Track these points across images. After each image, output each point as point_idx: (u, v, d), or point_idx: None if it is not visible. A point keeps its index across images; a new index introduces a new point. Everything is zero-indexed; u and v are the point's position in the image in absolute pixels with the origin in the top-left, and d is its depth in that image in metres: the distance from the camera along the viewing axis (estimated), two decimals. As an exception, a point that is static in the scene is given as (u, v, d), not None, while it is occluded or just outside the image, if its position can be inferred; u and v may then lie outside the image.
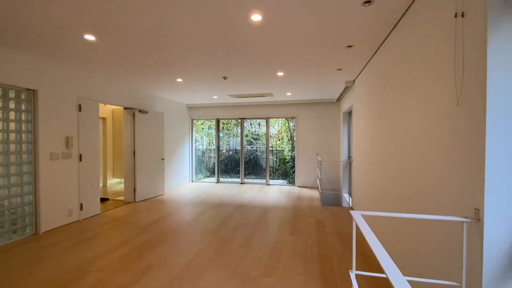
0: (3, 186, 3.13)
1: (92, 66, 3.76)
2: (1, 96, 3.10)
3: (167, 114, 6.60)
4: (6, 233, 3.17)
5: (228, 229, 3.64)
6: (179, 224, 3.87)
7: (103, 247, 3.03)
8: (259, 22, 2.37)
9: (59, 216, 3.72)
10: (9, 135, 3.19)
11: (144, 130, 5.44)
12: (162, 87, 5.23)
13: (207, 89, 5.40)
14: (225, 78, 4.40)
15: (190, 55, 3.26)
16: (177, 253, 2.88)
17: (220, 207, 4.86)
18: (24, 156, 3.35)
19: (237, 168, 8.20)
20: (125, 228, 3.68)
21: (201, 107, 7.74)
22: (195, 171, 8.08)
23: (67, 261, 2.67)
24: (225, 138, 8.66)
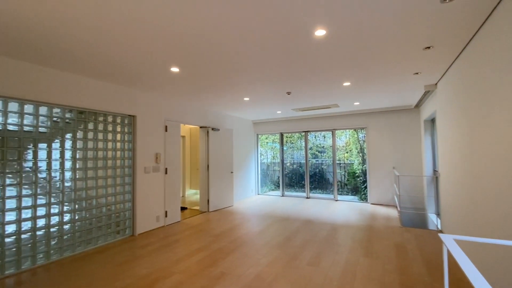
0: (111, 194, 3.88)
1: (175, 93, 4.40)
2: (112, 122, 3.92)
3: (235, 130, 7.08)
4: (112, 233, 3.88)
5: (295, 245, 3.58)
6: (248, 235, 4.01)
7: (184, 251, 3.38)
8: (323, 37, 2.38)
9: (149, 221, 4.36)
10: (116, 152, 3.97)
11: (216, 146, 5.96)
12: (231, 107, 5.68)
13: (272, 105, 5.60)
14: (288, 93, 4.49)
15: (256, 75, 3.47)
16: (246, 263, 2.98)
17: (286, 221, 4.84)
18: (126, 170, 4.10)
19: (302, 181, 8.05)
20: (201, 236, 4.03)
21: (266, 122, 8.02)
22: (261, 184, 8.30)
23: (156, 261, 3.09)
24: (289, 152, 8.68)
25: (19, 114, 2.93)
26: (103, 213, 3.76)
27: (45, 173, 3.13)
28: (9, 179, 2.83)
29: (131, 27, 2.16)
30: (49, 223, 3.16)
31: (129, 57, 2.80)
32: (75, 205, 3.43)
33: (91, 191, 3.61)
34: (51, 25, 2.11)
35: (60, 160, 3.28)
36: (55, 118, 3.26)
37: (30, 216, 2.99)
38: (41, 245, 3.07)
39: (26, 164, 2.97)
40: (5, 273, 2.76)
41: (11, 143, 2.85)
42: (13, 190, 2.86)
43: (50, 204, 3.17)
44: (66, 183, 3.33)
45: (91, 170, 3.61)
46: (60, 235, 3.25)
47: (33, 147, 3.04)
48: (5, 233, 2.78)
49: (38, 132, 3.09)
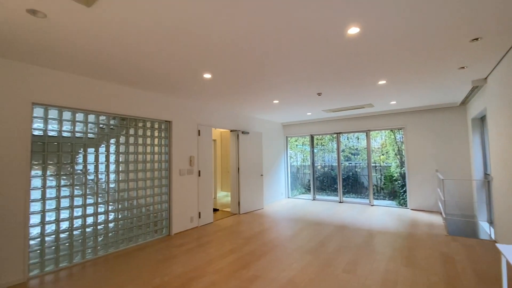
0: (150, 195, 4.12)
1: (207, 98, 4.55)
2: (150, 127, 4.18)
3: (265, 133, 7.10)
4: (151, 232, 4.11)
5: (328, 250, 3.46)
6: (279, 239, 3.97)
7: (217, 252, 3.45)
8: (356, 35, 2.29)
9: (184, 222, 4.54)
10: (154, 156, 4.21)
11: (246, 149, 6.03)
12: (261, 110, 5.71)
13: (301, 107, 5.52)
14: (319, 94, 4.39)
15: (286, 78, 3.46)
16: (279, 267, 2.95)
17: (318, 226, 4.70)
18: (163, 172, 4.33)
19: (334, 185, 7.79)
20: (232, 237, 4.09)
21: (295, 124, 7.92)
22: (291, 187, 8.20)
23: (191, 261, 3.20)
24: (320, 154, 8.46)
25: (71, 122, 3.25)
26: (143, 213, 4.00)
27: (93, 175, 3.43)
28: (63, 180, 3.15)
29: (171, 42, 2.29)
30: (97, 221, 3.44)
31: (168, 68, 2.97)
32: (119, 205, 3.70)
33: (132, 192, 3.87)
34: (113, 50, 2.32)
35: (105, 163, 3.57)
36: (101, 125, 3.57)
37: (81, 214, 3.29)
38: (89, 241, 3.36)
39: (77, 167, 3.28)
40: (59, 266, 3.07)
41: (65, 148, 3.18)
42: (67, 190, 3.18)
43: (97, 203, 3.46)
44: (110, 185, 3.61)
45: (132, 173, 3.88)
46: (105, 232, 3.53)
47: (83, 152, 3.35)
48: (60, 229, 3.10)
49: (87, 138, 3.41)
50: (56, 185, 3.08)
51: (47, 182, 3.02)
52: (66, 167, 3.18)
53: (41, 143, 2.98)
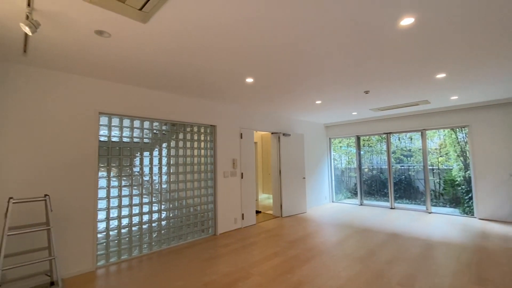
0: (197, 196, 4.34)
1: (249, 102, 4.64)
2: (197, 132, 4.42)
3: (306, 135, 6.94)
4: (198, 231, 4.32)
5: (379, 260, 3.21)
6: (324, 244, 3.82)
7: (260, 255, 3.47)
8: (410, 25, 2.10)
9: (228, 223, 4.67)
10: (201, 158, 4.44)
11: (287, 151, 5.97)
12: (302, 111, 5.61)
13: (346, 106, 5.26)
14: (366, 93, 4.13)
15: (330, 78, 3.33)
16: (325, 274, 2.83)
17: (367, 233, 4.40)
18: (209, 174, 4.53)
19: (384, 190, 7.22)
20: (276, 240, 4.06)
21: (339, 125, 7.59)
22: (335, 191, 7.85)
23: (236, 261, 3.27)
24: (367, 156, 7.94)
25: (130, 128, 3.61)
26: (191, 213, 4.23)
27: (148, 176, 3.75)
28: (124, 181, 3.51)
29: (218, 49, 2.39)
30: (151, 218, 3.75)
31: (214, 75, 3.11)
32: (170, 204, 3.98)
33: (181, 192, 4.13)
34: (165, 62, 2.53)
35: (158, 166, 3.87)
36: (155, 130, 3.89)
37: (138, 212, 3.62)
38: (145, 237, 3.67)
39: (135, 169, 3.62)
40: (121, 258, 3.41)
41: (125, 152, 3.54)
42: (126, 190, 3.53)
43: (152, 202, 3.77)
44: (163, 185, 3.91)
45: (181, 174, 4.14)
46: (159, 229, 3.82)
47: (140, 155, 3.69)
48: (121, 225, 3.45)
49: (143, 142, 3.74)
50: (118, 185, 3.45)
51: (111, 182, 3.39)
52: (126, 169, 3.53)
53: (106, 147, 3.37)
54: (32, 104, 2.78)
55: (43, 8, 1.79)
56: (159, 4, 1.76)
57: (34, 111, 2.79)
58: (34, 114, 2.78)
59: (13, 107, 2.66)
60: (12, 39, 2.20)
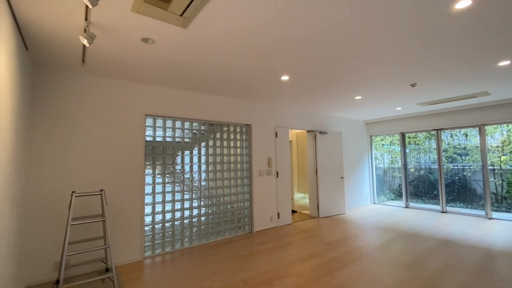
0: (234, 193, 4.44)
1: (284, 100, 4.59)
2: (233, 131, 4.52)
3: (344, 132, 6.65)
4: (235, 228, 4.42)
5: (430, 268, 2.93)
6: (366, 248, 3.62)
7: (297, 255, 3.42)
8: (466, 8, 1.87)
9: (264, 221, 4.70)
10: (237, 157, 4.53)
11: (324, 150, 5.79)
12: (340, 107, 5.38)
13: (389, 101, 4.91)
14: (413, 86, 3.80)
15: (372, 71, 3.14)
16: (367, 279, 2.68)
17: (415, 238, 4.06)
18: (244, 173, 4.60)
19: (433, 191, 6.59)
20: (313, 241, 3.97)
21: (381, 121, 7.11)
22: (377, 192, 7.39)
23: (272, 260, 3.27)
24: (413, 154, 7.31)
25: (172, 128, 3.83)
26: (228, 210, 4.35)
27: (188, 173, 3.94)
28: (167, 178, 3.74)
29: (253, 47, 2.42)
30: (192, 214, 3.94)
31: (249, 74, 3.14)
32: (208, 201, 4.13)
33: (219, 190, 4.27)
34: (203, 64, 2.65)
35: (197, 164, 4.05)
36: (194, 130, 4.07)
37: (180, 208, 3.82)
38: (186, 231, 3.87)
39: (177, 166, 3.83)
40: (165, 250, 3.64)
41: (167, 151, 3.77)
42: (169, 187, 3.75)
43: (192, 199, 3.96)
44: (202, 183, 4.08)
45: (218, 172, 4.27)
46: (199, 225, 4.00)
47: (181, 154, 3.89)
48: (165, 219, 3.68)
49: (184, 142, 3.94)
50: (162, 181, 3.69)
51: (156, 179, 3.64)
52: (169, 167, 3.76)
53: (151, 147, 3.63)
54: (89, 109, 3.11)
55: (98, 21, 1.99)
56: (197, 9, 1.83)
57: (90, 115, 3.11)
58: (91, 118, 3.11)
59: (72, 112, 3.01)
60: (72, 50, 2.48)
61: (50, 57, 2.62)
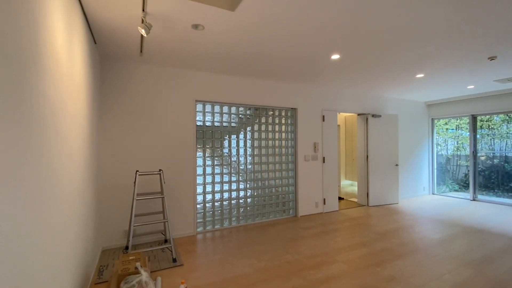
0: (279, 178, 4.47)
1: (333, 82, 4.34)
2: (278, 115, 4.47)
3: (401, 115, 6.04)
4: (280, 211, 4.48)
5: (502, 269, 2.57)
6: (422, 241, 3.34)
7: (345, 242, 3.33)
8: None
9: (309, 206, 4.65)
10: (282, 142, 4.50)
11: (376, 135, 5.38)
12: (397, 88, 4.87)
13: (459, 79, 4.26)
14: (492, 59, 3.21)
15: (440, 44, 2.73)
16: (424, 274, 2.49)
17: (483, 234, 3.58)
18: (289, 157, 4.57)
19: (509, 183, 5.66)
20: (361, 230, 3.81)
21: (446, 102, 6.26)
22: (437, 182, 6.66)
23: (318, 245, 3.25)
24: (485, 141, 6.31)
25: (219, 113, 3.97)
26: (273, 193, 4.41)
27: (235, 157, 4.08)
28: (216, 160, 3.93)
29: (301, 28, 2.30)
30: (239, 195, 4.11)
31: (297, 55, 3.02)
32: (254, 184, 4.25)
33: (264, 173, 4.34)
34: (251, 46, 2.65)
35: (244, 148, 4.15)
36: (240, 115, 4.15)
37: (228, 189, 4.01)
38: (234, 211, 4.07)
39: (224, 150, 3.99)
40: (215, 227, 3.90)
41: (216, 135, 3.93)
42: (218, 169, 3.95)
43: (239, 181, 4.11)
44: (248, 166, 4.19)
45: (264, 156, 4.32)
46: (245, 206, 4.16)
47: (228, 138, 4.03)
48: (214, 199, 3.91)
49: (231, 126, 4.06)
50: (211, 164, 3.89)
51: (206, 161, 3.86)
52: (217, 150, 3.94)
53: (201, 131, 3.82)
54: (147, 96, 3.39)
55: (153, 11, 2.10)
56: (246, -12, 1.79)
57: (148, 101, 3.39)
58: (148, 104, 3.39)
59: (133, 100, 3.32)
60: (132, 42, 2.68)
61: (114, 49, 2.89)
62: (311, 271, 2.59)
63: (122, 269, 2.17)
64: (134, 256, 2.38)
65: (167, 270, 2.62)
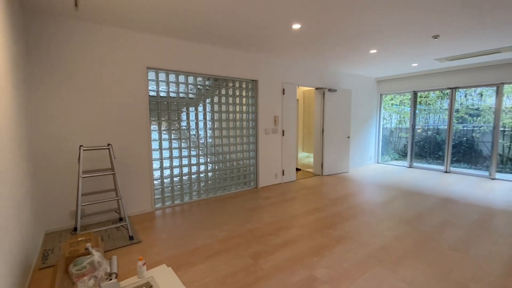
0: (240, 151, 4.46)
1: (293, 54, 4.30)
2: (238, 87, 4.34)
3: (354, 90, 6.39)
4: (241, 183, 4.54)
5: (430, 224, 3.04)
6: (368, 204, 3.73)
7: (301, 209, 3.55)
8: None
9: (269, 177, 4.80)
10: (243, 115, 4.43)
11: (332, 108, 5.63)
12: (352, 63, 5.07)
13: (406, 56, 4.58)
14: (435, 37, 3.48)
15: (393, 19, 2.84)
16: (369, 232, 2.80)
17: (416, 196, 4.15)
18: (250, 130, 4.55)
19: (439, 152, 6.57)
20: (316, 197, 4.09)
21: (394, 79, 6.77)
22: (381, 152, 7.41)
23: (277, 213, 3.41)
24: (422, 115, 7.12)
25: (175, 83, 3.68)
26: (234, 166, 4.42)
27: (194, 130, 3.91)
28: (173, 134, 3.72)
29: (258, -15, 2.14)
30: (199, 169, 4.01)
31: (257, 22, 2.87)
32: (215, 158, 4.18)
33: (225, 147, 4.28)
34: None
35: (203, 121, 3.99)
36: (199, 86, 3.92)
37: (187, 163, 3.88)
38: (194, 186, 3.99)
39: (182, 123, 3.78)
40: (174, 202, 3.81)
41: (172, 107, 3.67)
42: (176, 143, 3.76)
43: (199, 155, 3.99)
44: (208, 140, 4.07)
45: (224, 130, 4.23)
46: (206, 180, 4.10)
47: (186, 110, 3.81)
48: (173, 174, 3.76)
49: (189, 97, 3.82)
50: (168, 138, 3.68)
51: (162, 135, 3.62)
52: (174, 123, 3.71)
53: (155, 102, 3.53)
54: (87, 59, 2.94)
55: (87, -48, 1.73)
56: None
57: (91, 68, 2.96)
58: (91, 70, 2.96)
59: (70, 63, 2.86)
60: (64, -9, 2.23)
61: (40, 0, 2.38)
62: (270, 236, 2.72)
63: (70, 251, 2.00)
64: (84, 237, 2.19)
65: (123, 248, 2.50)
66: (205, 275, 2.07)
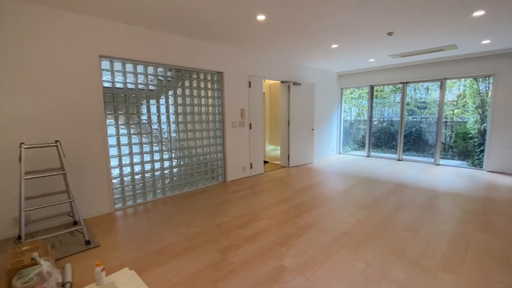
0: (207, 145, 4.35)
1: (259, 46, 4.27)
2: (203, 79, 4.20)
3: (317, 84, 6.61)
4: (209, 178, 4.45)
5: (386, 208, 3.30)
6: (331, 192, 3.92)
7: (270, 201, 3.60)
8: None
9: (237, 171, 4.78)
10: (208, 108, 4.31)
11: (297, 101, 5.76)
12: (315, 57, 5.21)
13: (364, 52, 4.85)
14: (390, 34, 3.72)
15: (353, 15, 2.95)
16: (332, 219, 2.95)
17: (374, 183, 4.48)
18: (217, 124, 4.46)
19: (392, 142, 7.17)
20: (283, 188, 4.18)
21: (353, 73, 7.15)
22: (342, 143, 7.83)
23: (246, 206, 3.41)
24: (378, 108, 7.68)
25: (133, 74, 3.42)
26: (201, 161, 4.30)
27: (156, 124, 3.70)
28: (133, 129, 3.47)
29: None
30: (163, 166, 3.82)
31: (221, 9, 2.76)
32: (180, 153, 4.01)
33: (191, 141, 4.13)
34: None
35: (166, 114, 3.79)
36: (160, 77, 3.69)
37: (149, 160, 3.67)
38: (158, 183, 3.80)
39: (143, 117, 3.55)
40: (136, 201, 3.59)
41: (130, 99, 3.42)
42: (136, 138, 3.52)
43: (162, 151, 3.80)
44: (172, 134, 3.88)
45: (189, 124, 4.07)
46: (171, 176, 3.93)
47: (146, 103, 3.57)
48: (134, 171, 3.53)
49: (149, 89, 3.59)
50: (127, 133, 3.42)
51: (120, 130, 3.36)
52: (134, 117, 3.46)
53: (111, 94, 3.25)
54: (30, 43, 2.57)
55: None
56: None
57: (32, 51, 2.59)
58: (33, 55, 2.60)
59: (8, 47, 2.47)
60: (-10, -38, 1.90)
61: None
62: (239, 230, 2.71)
63: (12, 263, 1.76)
64: (30, 245, 1.95)
65: (79, 254, 2.29)
66: (172, 274, 1.99)
